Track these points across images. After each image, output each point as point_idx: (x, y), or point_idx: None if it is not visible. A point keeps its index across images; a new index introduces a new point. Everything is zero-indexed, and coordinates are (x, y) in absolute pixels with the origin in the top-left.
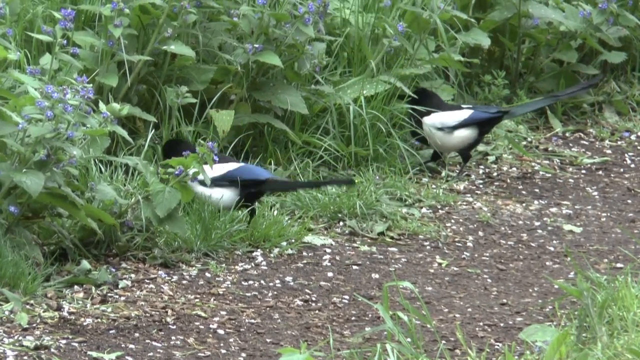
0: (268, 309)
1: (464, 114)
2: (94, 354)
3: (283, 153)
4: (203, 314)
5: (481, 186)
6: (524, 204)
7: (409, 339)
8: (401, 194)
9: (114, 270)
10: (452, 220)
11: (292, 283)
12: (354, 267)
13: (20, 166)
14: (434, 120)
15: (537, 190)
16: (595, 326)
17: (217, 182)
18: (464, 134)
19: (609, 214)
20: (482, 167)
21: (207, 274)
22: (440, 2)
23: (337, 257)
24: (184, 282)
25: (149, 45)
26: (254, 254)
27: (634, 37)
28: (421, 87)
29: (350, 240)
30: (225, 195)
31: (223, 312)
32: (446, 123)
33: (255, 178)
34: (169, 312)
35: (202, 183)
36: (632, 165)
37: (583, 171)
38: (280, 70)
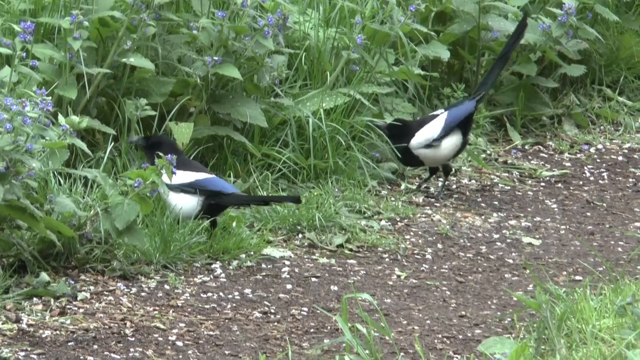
0: (227, 321)
1: (441, 121)
2: None
3: (242, 165)
4: (162, 326)
5: (440, 198)
6: (483, 217)
7: (367, 351)
8: (360, 206)
9: (72, 282)
10: (411, 233)
11: (251, 295)
12: (313, 279)
13: None
14: (419, 140)
15: (496, 202)
16: (554, 338)
17: (183, 188)
18: (451, 142)
19: (568, 227)
20: (441, 179)
21: (166, 286)
22: (400, 16)
23: (296, 270)
24: (143, 294)
25: (108, 57)
26: (213, 266)
27: (593, 50)
28: (399, 118)
29: (309, 252)
30: (188, 203)
31: (182, 324)
32: (430, 137)
33: (220, 190)
34: (128, 324)
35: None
36: (592, 178)
37: (542, 184)
38: (239, 83)
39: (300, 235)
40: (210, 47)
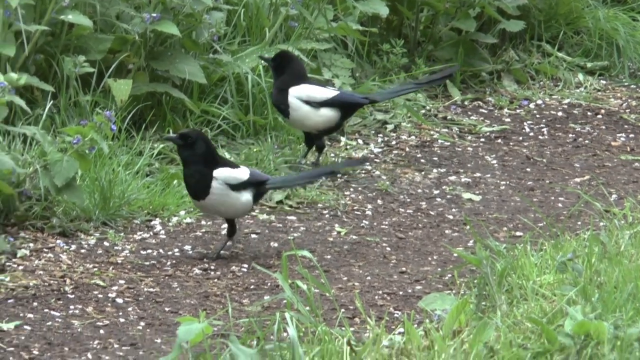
0: (167, 277)
1: (331, 92)
2: None
3: (182, 122)
4: (102, 283)
5: (380, 154)
6: (422, 173)
7: (308, 308)
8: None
9: (12, 239)
10: (351, 189)
11: (190, 252)
12: (253, 235)
13: None
14: (301, 92)
15: (435, 158)
16: (495, 295)
17: (245, 186)
18: (329, 114)
19: (508, 182)
20: (380, 135)
21: (106, 243)
22: None
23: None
24: (83, 251)
25: (47, 14)
26: (153, 222)
27: (532, 5)
28: (283, 50)
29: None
30: (245, 199)
31: (122, 281)
32: (313, 97)
33: (264, 180)
34: (68, 281)
35: (234, 187)
36: (531, 134)
37: (482, 139)
38: (178, 40)
39: None
40: (148, 3)
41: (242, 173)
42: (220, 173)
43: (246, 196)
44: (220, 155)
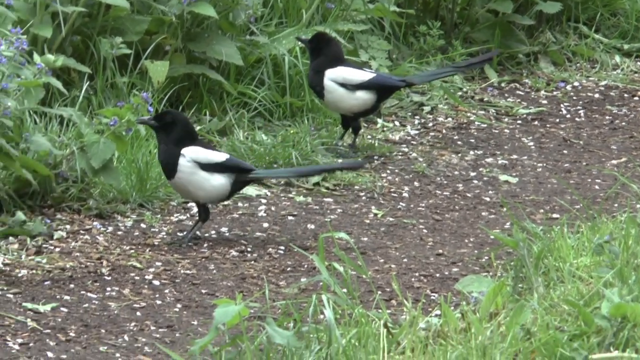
0: (203, 259)
1: (368, 74)
2: (29, 305)
3: (218, 104)
4: (138, 265)
5: (417, 136)
6: (459, 155)
7: (344, 290)
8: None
9: (48, 221)
10: (388, 171)
11: (227, 234)
12: (290, 217)
13: None
14: (337, 74)
15: (472, 140)
16: (531, 277)
17: (216, 168)
18: (365, 97)
19: (544, 164)
20: (417, 117)
21: (143, 225)
22: None
23: (273, 208)
24: (119, 233)
25: None
26: (189, 204)
27: None
28: (320, 32)
29: (286, 190)
30: (219, 182)
31: (158, 263)
32: (349, 80)
33: (246, 168)
34: (104, 263)
35: (204, 167)
36: (568, 116)
37: (519, 121)
38: (215, 21)
39: None
40: None
41: (217, 155)
42: (188, 151)
43: (219, 180)
44: (200, 139)
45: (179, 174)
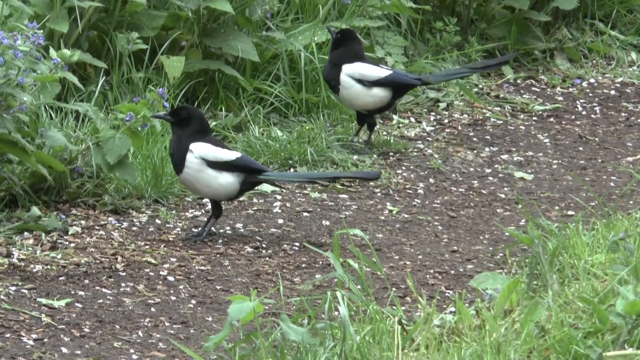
0: (218, 255)
1: (385, 71)
2: (44, 300)
3: (234, 100)
4: (153, 261)
5: (432, 133)
6: (475, 151)
7: (359, 287)
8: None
9: (64, 216)
10: (403, 167)
11: (242, 230)
12: (305, 214)
13: None
14: (354, 70)
15: (488, 137)
16: (546, 274)
17: (226, 166)
18: (381, 94)
19: (560, 161)
20: (433, 113)
21: (157, 221)
22: None
23: (288, 204)
24: (134, 228)
25: None
26: (204, 200)
27: None
28: (349, 28)
29: (301, 187)
30: (228, 181)
31: (173, 259)
32: (366, 76)
33: (257, 168)
34: (119, 258)
35: (212, 165)
36: (584, 113)
37: (534, 118)
38: (231, 17)
39: (292, 170)
40: None
41: (226, 153)
42: (196, 147)
43: (227, 179)
44: (213, 136)
45: (186, 169)
